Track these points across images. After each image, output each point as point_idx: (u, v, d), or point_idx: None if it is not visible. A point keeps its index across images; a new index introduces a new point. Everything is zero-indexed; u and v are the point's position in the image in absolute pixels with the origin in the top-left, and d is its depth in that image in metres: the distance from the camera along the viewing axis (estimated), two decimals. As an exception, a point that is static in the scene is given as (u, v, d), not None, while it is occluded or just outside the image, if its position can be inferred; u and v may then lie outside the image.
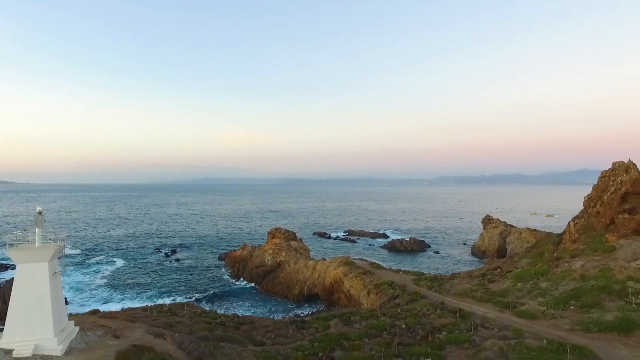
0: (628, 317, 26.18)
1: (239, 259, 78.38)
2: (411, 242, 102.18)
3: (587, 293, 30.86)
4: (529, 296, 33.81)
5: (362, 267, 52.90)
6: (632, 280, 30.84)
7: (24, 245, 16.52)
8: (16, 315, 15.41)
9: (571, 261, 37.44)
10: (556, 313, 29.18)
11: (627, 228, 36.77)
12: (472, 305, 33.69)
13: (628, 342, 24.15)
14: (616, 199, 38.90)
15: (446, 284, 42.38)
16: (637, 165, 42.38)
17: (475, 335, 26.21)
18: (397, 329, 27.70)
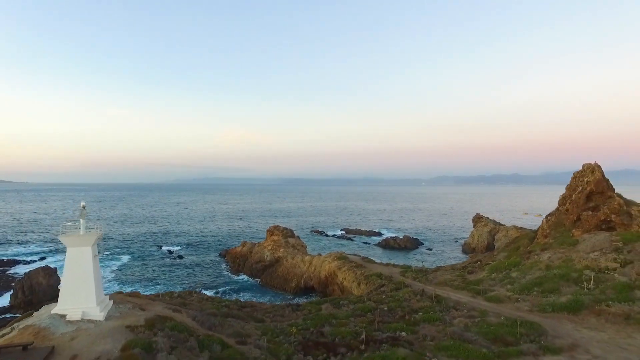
0: (578, 299, 30.24)
1: (239, 255, 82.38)
2: (405, 239, 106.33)
3: (549, 280, 34.94)
4: (500, 284, 37.88)
5: (355, 261, 56.90)
6: (588, 269, 34.91)
7: (72, 233, 20.44)
8: (67, 288, 19.39)
9: (541, 254, 41.53)
10: (520, 297, 33.26)
11: (590, 224, 40.84)
12: (449, 292, 37.73)
13: (574, 320, 28.19)
14: (582, 197, 42.97)
15: (430, 275, 46.50)
16: (601, 167, 46.52)
17: (447, 315, 30.22)
18: (380, 310, 31.73)
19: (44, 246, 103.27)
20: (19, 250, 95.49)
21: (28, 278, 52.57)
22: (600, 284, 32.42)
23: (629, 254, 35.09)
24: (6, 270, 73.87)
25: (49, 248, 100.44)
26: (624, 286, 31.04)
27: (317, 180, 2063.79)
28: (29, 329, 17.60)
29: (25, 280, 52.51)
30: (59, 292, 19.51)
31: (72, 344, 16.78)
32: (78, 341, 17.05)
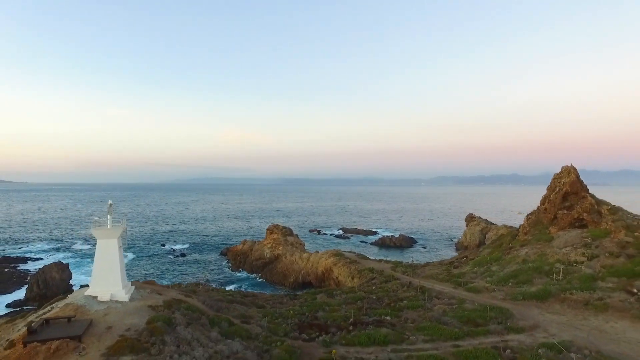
0: (546, 289, 33.67)
1: (240, 253, 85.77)
2: (400, 238, 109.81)
3: (523, 273, 38.39)
4: (481, 277, 41.33)
5: (350, 258, 60.34)
6: (559, 262, 38.37)
7: (101, 227, 23.82)
8: (97, 273, 22.78)
9: (520, 249, 45.01)
10: (496, 288, 36.70)
11: (565, 222, 44.28)
12: (434, 284, 41.18)
13: (541, 306, 31.65)
14: (559, 197, 46.42)
15: (418, 269, 49.95)
16: (577, 169, 49.92)
17: (429, 303, 33.66)
18: (369, 299, 35.17)
19: (51, 244, 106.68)
20: (27, 249, 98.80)
21: (42, 273, 55.93)
22: (568, 275, 35.88)
23: (596, 248, 38.55)
24: (17, 266, 77.19)
25: (55, 246, 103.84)
26: (588, 277, 34.51)
27: (316, 180, 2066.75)
28: (69, 306, 20.99)
29: (39, 275, 55.86)
30: (91, 277, 22.91)
31: (106, 318, 20.19)
32: (110, 316, 20.46)
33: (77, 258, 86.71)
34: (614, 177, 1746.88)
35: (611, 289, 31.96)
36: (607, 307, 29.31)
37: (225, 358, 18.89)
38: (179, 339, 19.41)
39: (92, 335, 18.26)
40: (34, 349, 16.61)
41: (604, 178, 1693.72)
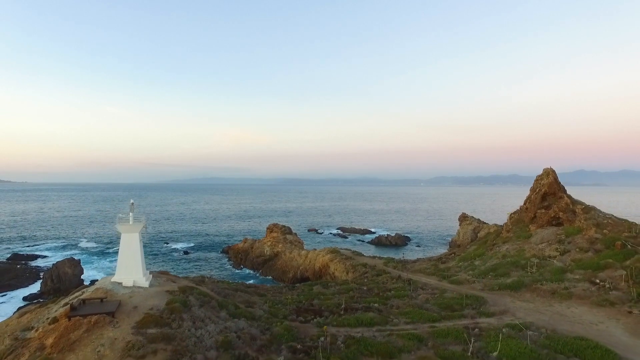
0: (520, 280, 37.27)
1: (240, 251, 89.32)
2: (396, 237, 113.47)
3: (502, 267, 41.99)
4: (464, 271, 44.93)
5: (345, 255, 63.86)
6: (535, 257, 41.99)
7: (124, 222, 27.34)
8: (122, 263, 26.30)
9: (501, 246, 48.63)
10: (476, 280, 40.30)
11: (543, 220, 47.90)
12: (421, 277, 44.76)
13: (514, 295, 35.22)
14: (538, 197, 50.03)
15: (409, 265, 53.55)
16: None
17: (414, 293, 37.24)
18: (360, 290, 38.75)
19: (57, 242, 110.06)
20: (35, 246, 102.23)
21: (56, 268, 59.41)
22: (541, 268, 39.49)
23: (568, 244, 42.17)
24: (28, 263, 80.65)
25: (61, 244, 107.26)
26: (558, 270, 38.12)
27: (316, 180, 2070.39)
28: (100, 290, 24.51)
29: (53, 270, 59.33)
30: (116, 266, 26.45)
31: (131, 300, 23.71)
32: (135, 298, 23.99)
33: (85, 255, 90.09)
34: (613, 177, 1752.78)
35: (577, 280, 35.60)
36: (571, 295, 32.93)
37: (233, 332, 22.45)
38: (194, 317, 22.97)
39: (122, 313, 21.81)
40: (77, 321, 20.16)
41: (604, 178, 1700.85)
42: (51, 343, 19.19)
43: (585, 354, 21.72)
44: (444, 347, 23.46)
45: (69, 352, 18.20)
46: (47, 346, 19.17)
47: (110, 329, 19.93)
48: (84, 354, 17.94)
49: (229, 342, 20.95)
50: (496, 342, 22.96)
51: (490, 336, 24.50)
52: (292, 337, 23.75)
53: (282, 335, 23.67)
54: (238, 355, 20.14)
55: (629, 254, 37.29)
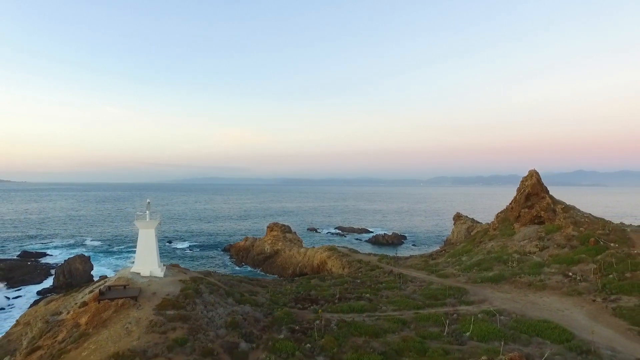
0: (501, 274, 40.53)
1: (242, 249, 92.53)
2: (392, 236, 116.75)
3: (486, 262, 45.26)
4: (451, 266, 48.20)
5: (342, 252, 67.07)
6: (517, 253, 45.26)
7: (142, 219, 30.58)
8: (139, 256, 29.54)
9: (487, 243, 51.90)
10: (462, 274, 43.55)
11: (526, 219, 51.16)
12: (412, 272, 48.00)
13: (494, 287, 38.46)
14: (522, 198, 53.29)
15: (401, 261, 56.79)
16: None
17: (403, 285, 40.50)
18: (354, 282, 42.00)
19: (63, 241, 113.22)
20: (42, 244, 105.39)
21: (67, 264, 62.62)
22: (521, 263, 42.75)
23: (547, 241, 45.43)
24: (37, 260, 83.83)
25: (68, 242, 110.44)
26: (536, 264, 41.38)
27: (316, 180, 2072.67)
28: (122, 278, 27.76)
29: (65, 266, 62.54)
30: (135, 258, 29.74)
31: (150, 287, 26.95)
32: (152, 286, 27.23)
33: (91, 253, 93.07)
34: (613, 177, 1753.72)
35: (552, 273, 38.86)
36: (545, 286, 36.23)
37: (239, 315, 25.73)
38: (205, 302, 26.24)
39: (144, 297, 25.06)
40: (106, 304, 23.42)
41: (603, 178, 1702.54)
42: (85, 321, 22.44)
43: (546, 333, 25.02)
44: (424, 328, 26.75)
45: (102, 328, 21.47)
46: (82, 324, 22.42)
47: (134, 310, 23.19)
48: (115, 330, 21.20)
49: (236, 323, 24.24)
50: (470, 325, 26.24)
51: (466, 320, 27.76)
52: (291, 320, 27.02)
53: (283, 319, 26.93)
54: (244, 333, 23.42)
55: (600, 249, 40.56)
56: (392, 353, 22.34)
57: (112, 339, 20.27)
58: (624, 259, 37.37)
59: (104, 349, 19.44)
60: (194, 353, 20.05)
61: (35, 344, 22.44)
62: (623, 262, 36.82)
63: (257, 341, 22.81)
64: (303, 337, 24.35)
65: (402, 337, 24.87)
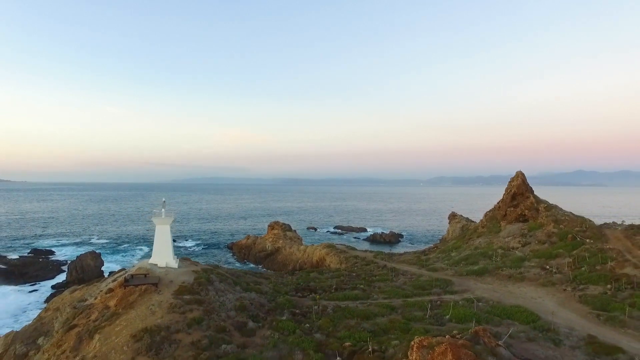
0: (485, 267, 44.02)
1: (244, 247, 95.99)
2: (389, 234, 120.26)
3: (473, 257, 48.76)
4: (441, 261, 51.68)
5: (340, 249, 70.54)
6: (501, 248, 48.76)
7: (158, 216, 34.03)
8: (156, 249, 33.01)
9: (476, 239, 55.38)
10: (449, 268, 47.01)
11: (512, 217, 54.64)
12: (404, 266, 51.47)
13: (478, 279, 41.95)
14: (508, 197, 56.79)
15: (395, 257, 60.27)
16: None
17: (395, 278, 43.97)
18: (350, 275, 45.48)
19: (70, 239, 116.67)
20: (50, 242, 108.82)
21: (80, 260, 66.05)
22: (504, 257, 46.25)
23: (529, 237, 48.94)
24: (48, 257, 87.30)
25: (75, 240, 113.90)
26: (518, 259, 44.88)
27: (316, 180, 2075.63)
28: (142, 269, 31.23)
29: (77, 261, 65.96)
30: (152, 252, 33.19)
31: (167, 276, 30.42)
32: (169, 276, 30.69)
33: (99, 250, 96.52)
34: (612, 177, 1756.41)
35: (532, 267, 42.37)
36: (524, 278, 39.73)
37: (247, 300, 29.20)
38: (216, 289, 29.72)
39: (163, 285, 28.53)
40: (131, 289, 26.90)
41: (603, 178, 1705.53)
42: (114, 304, 25.93)
43: (516, 316, 28.50)
44: (409, 313, 30.23)
45: (129, 309, 24.96)
46: (112, 306, 25.90)
47: (156, 295, 26.67)
48: (141, 310, 24.68)
49: (244, 306, 27.75)
50: (450, 309, 29.72)
51: (447, 306, 31.25)
52: (292, 306, 30.51)
53: (284, 304, 30.44)
54: (251, 315, 26.93)
55: (577, 245, 44.08)
56: (380, 331, 25.78)
57: (139, 318, 23.75)
58: (596, 253, 40.89)
59: (134, 325, 22.94)
60: (210, 329, 23.54)
61: (72, 322, 25.89)
62: (595, 256, 40.34)
63: (262, 321, 26.31)
64: (303, 319, 27.85)
65: (389, 320, 28.32)
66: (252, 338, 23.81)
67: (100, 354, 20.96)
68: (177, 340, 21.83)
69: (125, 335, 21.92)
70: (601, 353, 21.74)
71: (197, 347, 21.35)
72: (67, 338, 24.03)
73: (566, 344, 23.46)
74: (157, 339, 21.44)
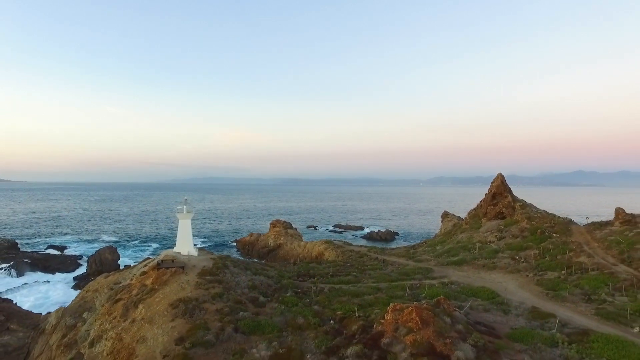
0: (464, 258, 50.01)
1: (248, 243, 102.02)
2: (385, 232, 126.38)
3: (454, 250, 54.76)
4: (427, 253, 57.66)
5: (337, 244, 76.53)
6: (479, 242, 54.76)
7: (180, 212, 40.01)
8: (179, 240, 38.98)
9: (459, 235, 61.38)
10: (433, 259, 53.01)
11: (491, 214, 60.63)
12: (394, 258, 57.44)
13: (456, 268, 47.90)
14: (489, 197, 62.78)
15: (387, 251, 66.23)
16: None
17: (384, 267, 49.94)
18: (345, 265, 51.48)
19: (81, 237, 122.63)
20: (63, 240, 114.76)
21: (98, 254, 72.06)
22: (481, 250, 52.22)
23: (505, 232, 54.95)
24: (63, 252, 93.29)
25: (85, 238, 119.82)
26: (493, 251, 50.87)
27: (316, 180, 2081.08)
28: (168, 256, 37.18)
29: (96, 255, 71.98)
30: (176, 242, 39.18)
31: (190, 262, 36.38)
32: (192, 261, 36.65)
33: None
34: (612, 178, 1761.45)
35: (504, 257, 48.37)
36: (495, 267, 45.71)
37: (257, 281, 35.20)
38: (232, 272, 35.72)
39: (188, 268, 34.52)
40: (163, 271, 32.89)
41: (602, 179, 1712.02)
42: (150, 282, 31.93)
43: (479, 294, 34.49)
44: (392, 292, 36.19)
45: (164, 286, 30.97)
46: (149, 284, 31.91)
47: (183, 276, 32.67)
48: (173, 287, 30.67)
49: (255, 285, 33.78)
50: (425, 289, 35.71)
51: (425, 287, 37.24)
52: (294, 287, 36.52)
53: (288, 285, 36.44)
54: (262, 292, 32.95)
55: (544, 238, 50.08)
56: (366, 305, 31.73)
57: (173, 292, 29.76)
58: (560, 245, 46.89)
59: (169, 297, 28.94)
60: (229, 301, 29.53)
61: (116, 297, 31.88)
62: (558, 247, 46.35)
63: (270, 297, 32.31)
64: (303, 296, 33.86)
65: (375, 297, 34.31)
66: (263, 309, 29.78)
67: (146, 317, 26.96)
68: (205, 308, 27.81)
69: (164, 304, 27.93)
70: (538, 318, 27.76)
71: (221, 313, 27.32)
72: (115, 308, 30.04)
73: (513, 313, 29.50)
74: (190, 306, 27.43)
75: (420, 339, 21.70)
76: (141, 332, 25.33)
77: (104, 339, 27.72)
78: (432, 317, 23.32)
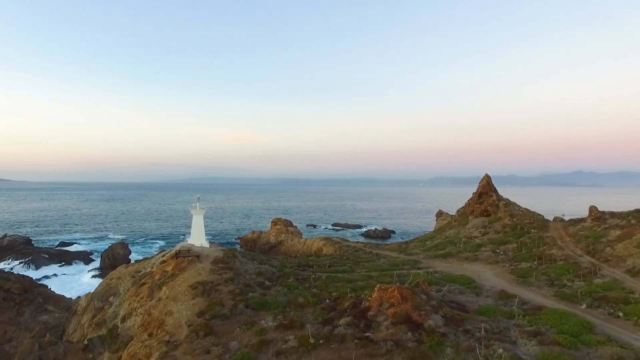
0: (449, 252, 54.80)
1: (250, 240, 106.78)
2: (382, 230, 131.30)
3: (442, 244, 59.56)
4: (417, 248, 62.50)
5: (335, 240, 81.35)
6: (465, 237, 59.56)
7: (194, 208, 44.77)
8: (193, 233, 43.77)
9: (448, 231, 66.19)
10: (422, 253, 57.82)
11: (477, 212, 65.45)
12: (387, 252, 62.26)
13: (442, 260, 52.64)
14: (476, 196, 67.59)
15: (381, 246, 71.06)
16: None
17: (377, 260, 54.73)
18: (341, 258, 56.31)
19: (89, 234, 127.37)
20: (73, 237, 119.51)
21: (111, 250, 76.86)
22: (466, 244, 57.00)
23: (489, 229, 59.75)
24: (77, 248, 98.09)
25: (93, 235, 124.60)
26: (477, 245, 55.64)
27: (316, 180, 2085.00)
28: (184, 247, 41.98)
29: (109, 251, 76.80)
30: (190, 235, 43.98)
31: (203, 252, 41.17)
32: (205, 252, 41.43)
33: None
34: (611, 178, 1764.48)
35: (485, 251, 53.11)
36: (477, 259, 50.49)
37: (263, 269, 40.02)
38: (240, 261, 40.55)
39: (203, 257, 39.33)
40: (181, 260, 37.71)
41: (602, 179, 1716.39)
42: (171, 269, 36.75)
43: (458, 281, 39.26)
44: (381, 279, 40.97)
45: (183, 271, 35.80)
46: (169, 271, 36.73)
47: (199, 264, 37.49)
48: (191, 272, 35.49)
49: (261, 272, 38.60)
50: (411, 277, 40.50)
51: (410, 275, 42.04)
52: (295, 274, 41.33)
53: (290, 273, 41.26)
54: (267, 278, 37.76)
55: (523, 233, 54.88)
56: (358, 289, 36.54)
57: (191, 276, 34.57)
58: (536, 239, 51.69)
59: (188, 281, 33.75)
60: (240, 284, 34.35)
61: (141, 282, 36.69)
62: (535, 242, 51.14)
63: (275, 282, 37.13)
64: (303, 281, 38.69)
65: (366, 283, 39.10)
66: (269, 291, 34.61)
67: (170, 296, 31.79)
68: (219, 289, 32.63)
69: (185, 286, 32.76)
70: (503, 298, 32.56)
71: (233, 294, 32.13)
72: (142, 290, 34.87)
73: (484, 295, 34.34)
74: (207, 288, 32.25)
75: (400, 311, 26.52)
76: (167, 307, 30.14)
77: (134, 315, 32.55)
78: (411, 295, 28.14)
